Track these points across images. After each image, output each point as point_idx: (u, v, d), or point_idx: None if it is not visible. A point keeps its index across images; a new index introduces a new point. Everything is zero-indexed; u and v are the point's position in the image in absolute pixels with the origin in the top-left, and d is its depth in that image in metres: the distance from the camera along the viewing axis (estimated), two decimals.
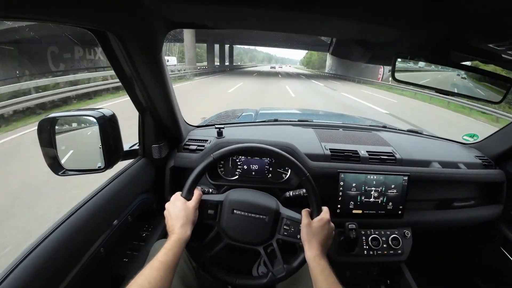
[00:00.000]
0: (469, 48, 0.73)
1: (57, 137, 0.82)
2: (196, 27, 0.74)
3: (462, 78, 0.82)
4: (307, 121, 1.41)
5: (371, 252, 0.99)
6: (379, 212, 1.00)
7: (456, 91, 0.82)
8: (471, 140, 1.42)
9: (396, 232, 1.02)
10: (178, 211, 0.68)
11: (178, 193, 0.73)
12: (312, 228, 0.69)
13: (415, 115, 8.73)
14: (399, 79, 0.75)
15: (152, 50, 0.72)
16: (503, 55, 0.74)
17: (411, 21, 0.61)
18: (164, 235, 0.99)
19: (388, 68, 0.89)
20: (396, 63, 0.74)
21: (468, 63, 0.87)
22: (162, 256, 0.59)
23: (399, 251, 1.00)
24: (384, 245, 1.00)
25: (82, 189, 1.51)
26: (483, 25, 0.58)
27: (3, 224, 2.14)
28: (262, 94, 11.66)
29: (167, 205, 0.72)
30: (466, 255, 1.37)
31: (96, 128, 0.82)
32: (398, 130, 1.45)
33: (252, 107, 2.06)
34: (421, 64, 0.82)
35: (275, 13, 0.60)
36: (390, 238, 1.00)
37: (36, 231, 0.65)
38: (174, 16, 0.67)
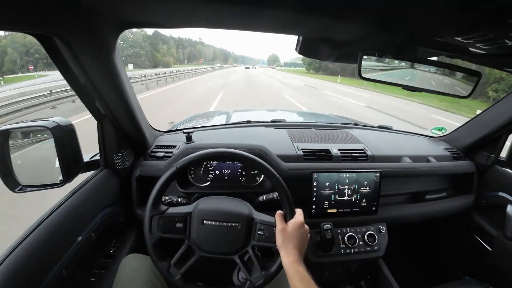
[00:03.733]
0: (436, 43, 0.69)
1: (12, 150, 0.74)
2: (150, 26, 0.66)
3: (429, 73, 0.78)
4: (279, 121, 1.35)
5: (348, 251, 0.95)
6: (354, 209, 0.96)
7: (423, 87, 0.78)
8: (439, 134, 1.41)
9: (372, 229, 0.99)
10: None
11: None
12: (287, 233, 0.64)
13: None
14: (366, 77, 0.70)
15: (103, 52, 0.64)
16: (470, 49, 0.70)
17: (376, 18, 0.56)
18: (134, 249, 0.91)
19: None
20: (363, 60, 0.70)
21: (435, 58, 0.84)
22: None
23: (376, 247, 0.97)
24: (361, 242, 0.97)
25: None
26: (449, 19, 0.54)
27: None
28: None
29: None
30: (443, 245, 1.37)
31: (52, 140, 0.74)
32: (369, 126, 1.42)
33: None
34: (388, 61, 0.78)
35: (235, 9, 0.52)
36: (366, 235, 0.97)
37: None
38: (123, 15, 0.59)
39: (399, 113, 8.47)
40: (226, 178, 0.99)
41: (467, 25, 0.54)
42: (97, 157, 0.89)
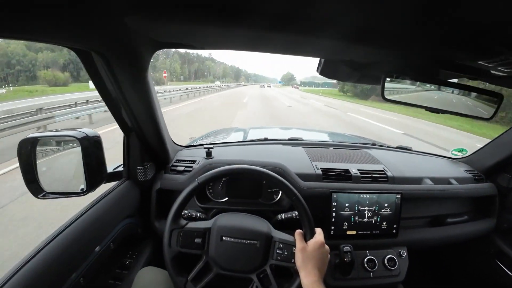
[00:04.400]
0: (458, 66, 0.70)
1: (38, 158, 0.77)
2: (183, 47, 0.70)
3: (452, 95, 0.78)
4: (297, 139, 1.36)
5: (367, 275, 0.91)
6: (374, 232, 0.93)
7: (446, 109, 0.78)
8: (460, 155, 1.39)
9: (392, 252, 0.95)
10: None
11: None
12: (307, 252, 0.63)
13: None
14: (389, 98, 0.71)
15: (138, 70, 0.68)
16: (491, 71, 0.71)
17: (398, 42, 0.58)
18: (150, 262, 0.91)
19: None
20: (385, 82, 0.71)
21: (456, 80, 0.85)
22: None
23: (396, 272, 0.93)
24: (380, 266, 0.93)
25: None
26: (471, 44, 0.55)
27: None
28: None
29: None
30: (463, 270, 1.31)
31: (78, 149, 0.77)
32: (387, 147, 1.41)
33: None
34: (411, 83, 0.79)
35: (263, 34, 0.56)
36: (386, 259, 0.93)
37: None
38: (159, 36, 0.63)
39: None
40: (243, 194, 0.98)
41: (488, 50, 0.55)
42: (120, 168, 0.92)
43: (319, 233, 0.67)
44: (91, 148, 0.74)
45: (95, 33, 0.51)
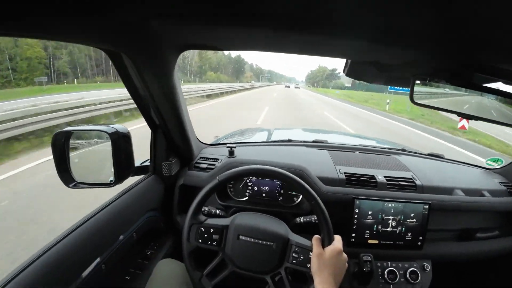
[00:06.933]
0: (494, 70, 0.68)
1: (71, 150, 0.84)
2: (207, 48, 0.74)
3: (488, 100, 0.75)
4: (321, 142, 1.35)
5: (387, 286, 0.89)
6: (397, 242, 0.91)
7: (482, 116, 0.75)
8: (495, 165, 1.32)
9: (415, 265, 0.92)
10: None
11: None
12: (324, 259, 0.63)
13: None
14: (418, 102, 0.70)
15: (165, 71, 0.73)
16: None
17: (426, 43, 0.57)
18: (170, 254, 0.95)
19: None
20: (415, 85, 0.70)
21: (493, 85, 0.81)
22: None
23: (418, 286, 0.90)
24: (402, 279, 0.90)
25: None
26: (506, 45, 0.53)
27: None
28: None
29: None
30: None
31: (109, 144, 0.83)
32: (418, 153, 1.36)
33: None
34: (442, 86, 0.77)
35: (288, 35, 0.58)
36: (408, 272, 0.90)
37: None
38: (184, 38, 0.68)
39: None
40: (264, 195, 1.00)
41: None
42: (147, 163, 0.98)
43: (337, 240, 0.67)
44: (121, 143, 0.80)
45: (123, 36, 0.56)
